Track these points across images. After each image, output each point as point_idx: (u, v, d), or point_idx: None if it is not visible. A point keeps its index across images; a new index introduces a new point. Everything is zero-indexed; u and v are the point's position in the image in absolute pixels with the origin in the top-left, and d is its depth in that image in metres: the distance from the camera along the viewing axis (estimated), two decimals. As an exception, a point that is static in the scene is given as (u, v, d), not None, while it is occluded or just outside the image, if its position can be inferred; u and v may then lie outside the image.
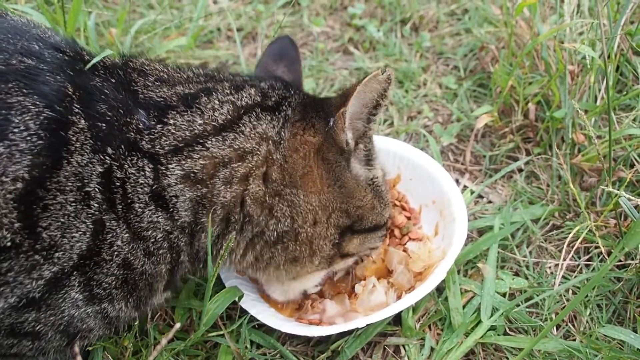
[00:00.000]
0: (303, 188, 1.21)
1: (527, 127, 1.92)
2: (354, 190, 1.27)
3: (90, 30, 1.94)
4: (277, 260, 1.28)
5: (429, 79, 2.19)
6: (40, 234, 0.98)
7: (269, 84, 1.30)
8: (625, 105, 1.89)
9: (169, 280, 1.21)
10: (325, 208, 1.24)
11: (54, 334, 1.10)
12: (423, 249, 1.52)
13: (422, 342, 1.39)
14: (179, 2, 2.59)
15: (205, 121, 1.15)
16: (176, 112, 1.14)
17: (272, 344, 1.39)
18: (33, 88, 1.01)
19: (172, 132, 1.12)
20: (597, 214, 1.64)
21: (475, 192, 1.76)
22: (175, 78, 1.23)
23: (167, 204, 1.11)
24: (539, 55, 1.95)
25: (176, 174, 1.11)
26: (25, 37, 1.10)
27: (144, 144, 1.10)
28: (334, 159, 1.23)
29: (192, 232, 1.17)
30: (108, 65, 1.17)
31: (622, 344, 1.35)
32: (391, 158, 1.69)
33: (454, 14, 2.51)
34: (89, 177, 1.03)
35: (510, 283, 1.50)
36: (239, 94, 1.22)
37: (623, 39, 1.81)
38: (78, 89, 1.06)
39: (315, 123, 1.23)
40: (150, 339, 1.35)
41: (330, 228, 1.26)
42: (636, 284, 1.47)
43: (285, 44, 1.53)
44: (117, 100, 1.10)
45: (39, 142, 0.98)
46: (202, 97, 1.18)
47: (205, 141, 1.14)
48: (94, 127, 1.05)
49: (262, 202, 1.19)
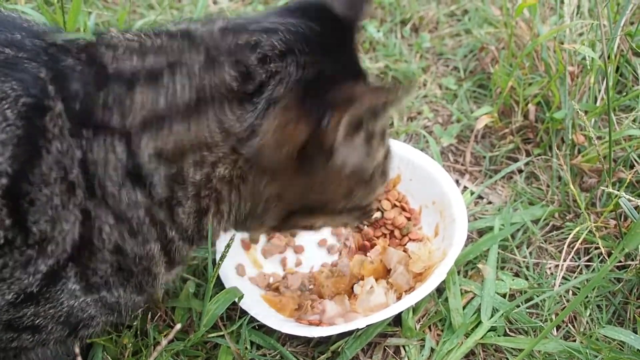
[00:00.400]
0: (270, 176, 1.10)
1: (527, 127, 1.92)
2: (324, 182, 1.13)
3: (90, 31, 1.94)
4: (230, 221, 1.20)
5: (429, 79, 2.19)
6: (30, 229, 0.96)
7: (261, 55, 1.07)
8: (625, 106, 1.89)
9: (167, 261, 1.16)
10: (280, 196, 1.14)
11: (54, 326, 1.08)
12: (423, 249, 1.52)
13: (422, 343, 1.39)
14: (179, 2, 2.59)
15: (168, 102, 1.05)
16: (143, 87, 1.05)
17: (273, 345, 1.39)
18: (11, 76, 0.98)
19: (139, 108, 1.04)
20: (597, 215, 1.64)
21: (475, 192, 1.76)
22: (147, 45, 1.10)
23: (144, 182, 1.06)
24: (539, 56, 1.95)
25: (149, 151, 1.04)
26: (10, 27, 1.07)
27: (113, 121, 1.03)
28: (312, 153, 1.06)
29: (170, 206, 1.10)
30: (80, 45, 1.10)
31: (623, 344, 1.35)
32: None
33: (454, 15, 2.51)
34: (70, 164, 0.99)
35: (511, 284, 1.50)
36: (208, 75, 1.06)
37: (623, 39, 1.81)
38: (51, 71, 1.02)
39: (313, 112, 1.03)
40: (150, 339, 1.35)
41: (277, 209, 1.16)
42: (636, 284, 1.47)
43: None
44: (89, 76, 1.04)
45: (18, 132, 0.94)
46: (165, 74, 1.06)
47: (172, 123, 1.05)
48: (69, 110, 1.00)
49: (230, 182, 1.11)
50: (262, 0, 2.60)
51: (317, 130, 1.03)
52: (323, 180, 1.13)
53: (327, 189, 1.15)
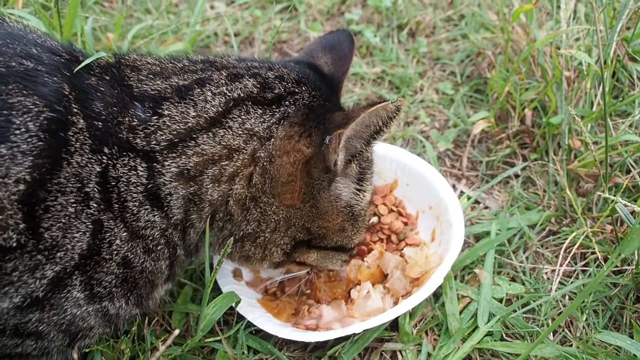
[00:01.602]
0: (279, 198, 1.19)
1: (524, 132, 1.92)
2: (326, 211, 1.24)
3: (87, 35, 1.94)
4: (233, 255, 1.28)
5: (425, 84, 2.19)
6: (42, 235, 0.99)
7: (278, 74, 1.24)
8: (622, 111, 1.90)
9: (168, 275, 1.22)
10: (289, 221, 1.22)
11: (56, 334, 1.11)
12: (420, 254, 1.52)
13: (419, 348, 1.39)
14: (176, 7, 2.59)
15: (198, 113, 1.14)
16: (170, 104, 1.13)
17: (269, 350, 1.39)
18: (32, 89, 1.01)
19: (167, 125, 1.12)
20: (594, 220, 1.64)
21: (472, 197, 1.76)
22: (169, 69, 1.21)
23: (162, 203, 1.12)
24: (535, 61, 1.96)
25: (172, 172, 1.11)
26: (23, 41, 1.10)
27: (138, 141, 1.10)
28: (317, 176, 1.19)
29: (184, 228, 1.18)
30: (102, 65, 1.17)
31: (619, 349, 1.35)
32: (388, 163, 1.69)
33: (451, 20, 2.52)
34: (88, 177, 1.04)
35: (507, 289, 1.51)
36: (233, 85, 1.19)
37: (619, 45, 1.81)
38: (75, 88, 1.07)
39: (313, 133, 1.17)
40: (147, 344, 1.35)
41: (286, 238, 1.24)
42: (633, 289, 1.47)
43: (342, 37, 1.46)
44: (113, 97, 1.11)
45: (40, 144, 0.98)
46: (195, 89, 1.16)
47: (198, 136, 1.13)
48: (92, 127, 1.06)
49: (243, 204, 1.19)
50: (259, 6, 2.61)
51: (320, 149, 1.16)
52: (326, 209, 1.24)
53: (327, 217, 1.25)
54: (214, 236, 1.23)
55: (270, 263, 1.30)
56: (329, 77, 1.37)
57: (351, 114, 1.16)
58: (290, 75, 1.25)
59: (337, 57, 1.42)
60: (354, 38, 1.47)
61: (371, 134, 1.17)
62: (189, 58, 1.26)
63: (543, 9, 2.05)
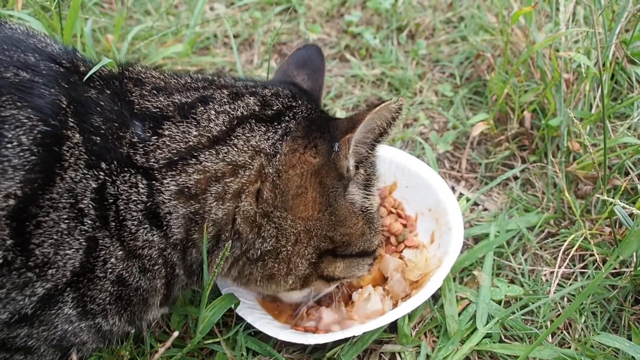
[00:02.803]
0: (293, 211, 1.17)
1: (523, 135, 1.93)
2: (346, 217, 1.23)
3: (86, 37, 1.94)
4: (255, 276, 1.25)
5: (425, 86, 2.20)
6: (33, 251, 0.96)
7: (274, 91, 1.25)
8: (620, 113, 1.90)
9: (165, 294, 1.19)
10: (309, 232, 1.20)
11: (46, 349, 1.08)
12: (419, 257, 1.52)
13: (418, 350, 1.39)
14: (175, 8, 2.60)
15: (200, 132, 1.12)
16: (172, 123, 1.11)
17: (268, 351, 1.39)
18: (27, 101, 0.98)
19: (166, 144, 1.09)
20: (592, 222, 1.65)
21: (471, 199, 1.77)
22: (172, 85, 1.19)
23: (161, 222, 1.08)
24: (534, 64, 1.96)
25: (170, 190, 1.08)
26: (21, 48, 1.07)
27: (138, 158, 1.07)
28: (331, 184, 1.18)
29: (184, 248, 1.14)
30: (104, 76, 1.14)
31: (617, 351, 1.35)
32: (387, 165, 1.70)
33: (450, 22, 2.52)
34: (82, 193, 1.00)
35: (506, 290, 1.51)
36: (235, 104, 1.18)
37: (618, 47, 1.82)
38: (73, 101, 1.03)
39: (318, 143, 1.18)
40: (146, 347, 1.35)
41: (310, 248, 1.22)
42: (631, 291, 1.48)
43: (312, 52, 1.49)
44: (113, 112, 1.07)
45: (32, 158, 0.95)
46: (198, 107, 1.14)
47: (199, 154, 1.10)
48: (89, 141, 1.02)
49: (252, 222, 1.16)
50: (259, 8, 2.61)
51: (330, 157, 1.17)
52: (345, 215, 1.23)
53: (348, 222, 1.24)
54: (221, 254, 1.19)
55: (296, 278, 1.26)
56: (309, 93, 1.38)
57: (356, 118, 1.17)
58: (285, 92, 1.26)
59: (312, 71, 1.44)
60: (322, 51, 1.50)
61: (375, 138, 1.19)
62: (190, 75, 1.25)
63: (542, 11, 2.06)
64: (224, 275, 1.27)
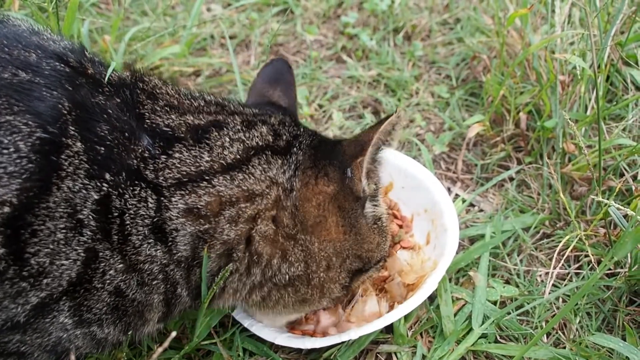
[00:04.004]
0: (316, 235, 1.17)
1: (518, 136, 1.93)
2: (367, 234, 1.24)
3: (83, 38, 1.94)
4: (286, 300, 1.24)
5: (421, 87, 2.20)
6: (28, 260, 0.94)
7: (279, 120, 1.24)
8: (615, 115, 1.91)
9: (164, 312, 1.16)
10: (340, 254, 1.21)
11: (40, 354, 1.06)
12: (416, 259, 1.53)
13: (414, 350, 1.40)
14: (172, 9, 2.60)
15: (213, 158, 1.09)
16: (183, 146, 1.08)
17: (265, 352, 1.39)
18: (25, 105, 0.95)
19: (176, 166, 1.06)
20: (587, 223, 1.65)
21: (466, 200, 1.77)
22: (185, 105, 1.16)
23: (167, 237, 1.06)
24: (530, 65, 1.97)
25: (179, 208, 1.05)
26: (23, 43, 1.03)
27: (148, 173, 1.04)
28: (350, 207, 1.19)
29: (189, 266, 1.11)
30: (114, 82, 1.10)
31: (612, 352, 1.36)
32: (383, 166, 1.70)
33: (447, 23, 2.53)
34: (82, 204, 0.97)
35: (501, 291, 1.52)
36: (250, 133, 1.16)
37: (613, 49, 1.83)
38: (76, 107, 0.99)
39: (329, 171, 1.17)
40: (143, 348, 1.35)
41: (343, 272, 1.24)
42: (625, 292, 1.49)
43: (280, 66, 1.48)
44: (121, 122, 1.04)
45: (30, 166, 0.92)
46: (212, 132, 1.12)
47: (212, 178, 1.08)
48: (91, 151, 0.99)
49: (274, 242, 1.15)
50: (255, 9, 2.62)
51: (344, 183, 1.17)
52: (366, 232, 1.24)
53: (369, 239, 1.25)
54: (237, 282, 1.18)
55: (330, 300, 1.29)
56: (288, 110, 1.39)
57: (362, 140, 1.18)
58: (286, 119, 1.26)
59: (284, 87, 1.45)
60: (288, 62, 1.51)
61: (378, 150, 1.21)
62: (204, 97, 1.22)
63: (538, 13, 2.06)
64: (243, 300, 1.25)
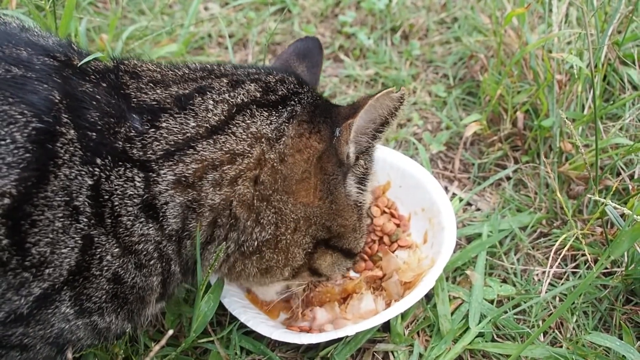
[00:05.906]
0: (294, 195, 1.16)
1: (516, 135, 1.94)
2: (343, 208, 1.23)
3: (81, 36, 1.94)
4: (249, 271, 1.24)
5: (418, 86, 2.20)
6: (29, 250, 0.95)
7: (279, 78, 1.24)
8: (612, 114, 1.91)
9: (161, 293, 1.18)
10: (309, 219, 1.20)
11: (43, 346, 1.07)
12: (413, 257, 1.53)
13: (411, 349, 1.40)
14: (170, 8, 2.60)
15: (198, 123, 1.10)
16: (169, 115, 1.09)
17: (262, 350, 1.39)
18: (20, 97, 0.96)
19: (164, 136, 1.07)
20: (584, 222, 1.66)
21: (463, 199, 1.77)
22: (169, 77, 1.17)
23: (157, 213, 1.07)
24: (527, 65, 1.97)
25: (168, 180, 1.06)
26: (13, 42, 1.06)
27: (135, 151, 1.05)
28: (332, 170, 1.18)
29: (180, 239, 1.12)
30: (100, 70, 1.12)
31: (608, 350, 1.36)
32: (381, 165, 1.70)
33: (444, 23, 2.53)
34: (78, 190, 0.99)
35: (498, 290, 1.52)
36: (235, 91, 1.16)
37: (610, 48, 1.83)
38: (67, 96, 1.02)
39: (322, 129, 1.18)
40: (140, 346, 1.35)
41: (307, 237, 1.22)
42: (622, 291, 1.49)
43: (312, 45, 1.47)
44: (110, 106, 1.06)
45: (27, 155, 0.94)
46: (195, 98, 1.13)
47: (197, 144, 1.09)
48: (84, 137, 1.01)
49: (250, 206, 1.15)
50: (253, 8, 2.62)
51: (331, 143, 1.17)
52: (343, 205, 1.23)
53: (345, 214, 1.24)
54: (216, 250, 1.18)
55: (291, 270, 1.26)
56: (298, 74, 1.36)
57: (357, 104, 1.18)
58: (290, 78, 1.25)
59: (311, 65, 1.44)
60: (322, 45, 1.49)
61: (376, 128, 1.19)
62: (189, 66, 1.23)
63: (535, 12, 2.07)
64: (215, 271, 1.26)
